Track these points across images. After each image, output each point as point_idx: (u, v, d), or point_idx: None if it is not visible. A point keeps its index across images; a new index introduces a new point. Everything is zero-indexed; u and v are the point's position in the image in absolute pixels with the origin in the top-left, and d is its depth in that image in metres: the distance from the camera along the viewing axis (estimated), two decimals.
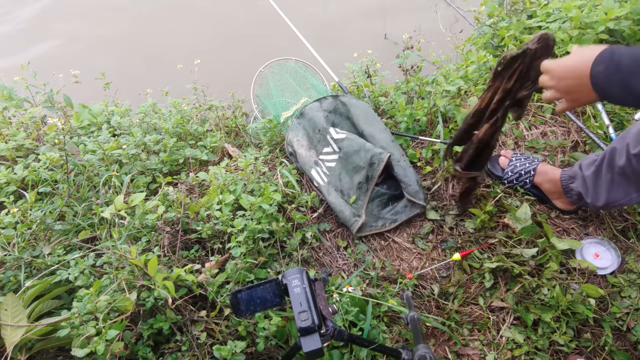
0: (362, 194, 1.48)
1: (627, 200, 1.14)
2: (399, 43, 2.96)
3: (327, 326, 0.79)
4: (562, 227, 1.41)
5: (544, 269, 1.26)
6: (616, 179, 1.12)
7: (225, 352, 1.04)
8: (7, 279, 1.16)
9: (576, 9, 1.65)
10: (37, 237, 1.28)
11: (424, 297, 1.33)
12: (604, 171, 1.15)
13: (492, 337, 1.24)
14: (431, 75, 1.82)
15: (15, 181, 1.46)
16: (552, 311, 1.20)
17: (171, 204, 1.36)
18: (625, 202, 1.14)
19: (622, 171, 1.07)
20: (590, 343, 1.19)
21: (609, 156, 1.12)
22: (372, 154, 1.46)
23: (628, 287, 1.25)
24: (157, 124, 1.83)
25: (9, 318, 0.97)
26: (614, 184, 1.13)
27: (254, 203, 1.32)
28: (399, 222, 1.47)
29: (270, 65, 2.26)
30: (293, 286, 0.81)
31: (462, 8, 2.30)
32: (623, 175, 1.09)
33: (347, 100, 1.68)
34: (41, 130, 1.75)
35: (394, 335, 1.25)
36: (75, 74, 1.91)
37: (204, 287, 1.16)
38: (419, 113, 1.68)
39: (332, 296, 1.20)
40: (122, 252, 1.07)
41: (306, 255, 1.40)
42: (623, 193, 1.13)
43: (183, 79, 2.12)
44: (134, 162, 1.58)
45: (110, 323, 0.96)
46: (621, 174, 1.09)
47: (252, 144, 1.92)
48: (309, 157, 1.59)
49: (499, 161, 1.51)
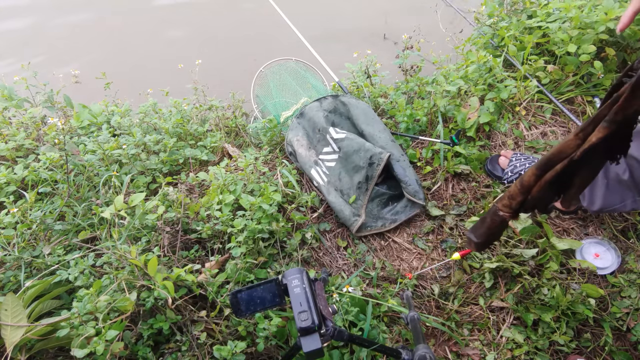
0: (361, 194, 1.48)
1: (621, 206, 1.14)
2: (399, 43, 2.96)
3: (327, 326, 0.79)
4: (562, 227, 1.41)
5: (544, 269, 1.26)
6: (611, 184, 1.12)
7: (225, 352, 1.03)
8: (7, 279, 1.16)
9: (576, 9, 1.65)
10: (37, 237, 1.28)
11: (424, 297, 1.33)
12: (599, 177, 1.15)
13: (492, 337, 1.24)
14: (431, 75, 1.82)
15: (15, 181, 1.46)
16: (552, 311, 1.20)
17: (171, 204, 1.36)
18: (620, 208, 1.15)
19: (618, 177, 1.08)
20: (590, 343, 1.19)
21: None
22: (372, 154, 1.46)
23: (628, 287, 1.25)
24: (157, 124, 1.83)
25: (9, 318, 0.97)
26: (609, 190, 1.13)
27: (254, 203, 1.32)
28: (398, 222, 1.47)
29: (270, 65, 2.26)
30: (293, 286, 0.81)
31: (462, 8, 2.30)
32: (619, 182, 1.09)
33: (347, 100, 1.68)
34: (41, 130, 1.74)
35: (394, 335, 1.25)
36: (75, 74, 1.91)
37: (204, 287, 1.16)
38: (419, 113, 1.68)
39: (332, 296, 1.20)
40: (122, 252, 1.07)
41: (306, 255, 1.40)
42: (618, 199, 1.13)
43: (183, 79, 2.12)
44: (134, 162, 1.58)
45: (110, 323, 0.96)
46: (617, 180, 1.09)
47: (252, 144, 1.92)
48: (309, 157, 1.59)
49: (499, 161, 1.51)
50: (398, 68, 1.94)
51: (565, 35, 1.64)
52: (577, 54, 1.62)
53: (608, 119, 0.61)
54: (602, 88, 1.67)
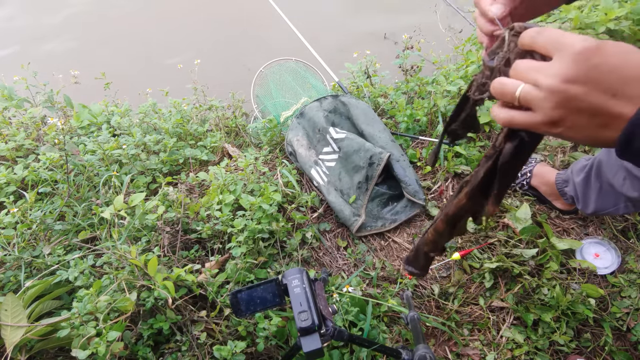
0: (361, 194, 1.48)
1: (614, 210, 1.13)
2: (399, 43, 2.96)
3: (327, 326, 0.79)
4: (562, 227, 1.41)
5: (544, 269, 1.26)
6: (605, 187, 1.11)
7: (225, 352, 1.04)
8: (7, 279, 1.16)
9: (576, 10, 1.65)
10: (37, 237, 1.28)
11: (424, 297, 1.33)
12: (592, 180, 1.14)
13: (492, 337, 1.24)
14: (431, 75, 1.82)
15: (15, 181, 1.46)
16: (552, 311, 1.20)
17: (171, 204, 1.36)
18: (613, 212, 1.14)
19: (610, 182, 1.07)
20: (590, 343, 1.19)
21: (596, 166, 1.11)
22: (372, 154, 1.46)
23: (628, 287, 1.25)
24: (157, 124, 1.83)
25: (9, 318, 0.97)
26: (602, 193, 1.13)
27: (254, 203, 1.32)
28: (398, 222, 1.47)
29: (270, 65, 2.26)
30: (293, 286, 0.81)
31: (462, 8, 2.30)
32: (611, 186, 1.08)
33: (347, 100, 1.68)
34: (41, 130, 1.74)
35: (394, 335, 1.25)
36: (75, 74, 1.91)
37: (204, 287, 1.16)
38: (419, 113, 1.68)
39: (332, 296, 1.20)
40: (122, 252, 1.07)
41: (306, 255, 1.40)
42: (611, 203, 1.13)
43: (183, 79, 2.12)
44: (134, 162, 1.58)
45: (111, 323, 0.96)
46: (610, 184, 1.08)
47: (252, 144, 1.92)
48: (309, 157, 1.59)
49: None
50: (398, 68, 1.94)
51: None
52: None
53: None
54: None
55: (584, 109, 0.38)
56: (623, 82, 0.37)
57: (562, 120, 0.40)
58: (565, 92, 0.38)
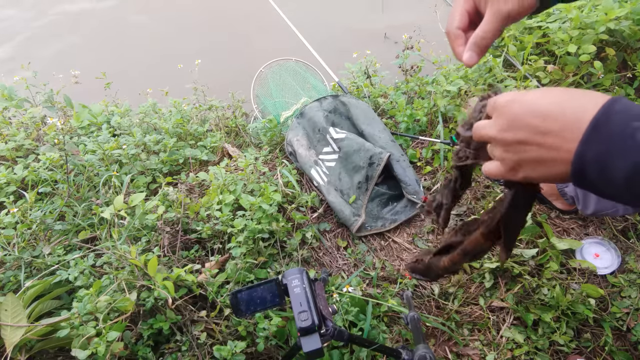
0: (361, 194, 1.48)
1: (613, 211, 1.13)
2: (399, 43, 2.95)
3: (327, 326, 0.79)
4: (562, 227, 1.41)
5: (544, 269, 1.26)
6: None
7: (225, 352, 1.04)
8: (7, 279, 1.16)
9: (576, 9, 1.65)
10: (37, 237, 1.28)
11: (424, 297, 1.33)
12: None
13: (492, 337, 1.24)
14: (431, 75, 1.82)
15: (15, 181, 1.46)
16: (552, 311, 1.20)
17: (171, 204, 1.36)
18: (612, 213, 1.14)
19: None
20: (590, 343, 1.19)
21: None
22: (372, 154, 1.46)
23: (628, 287, 1.25)
24: (157, 124, 1.83)
25: (9, 318, 0.97)
26: None
27: (254, 203, 1.32)
28: (398, 222, 1.47)
29: (270, 65, 2.26)
30: (293, 286, 0.81)
31: None
32: None
33: (347, 100, 1.68)
34: (41, 130, 1.74)
35: (394, 335, 1.25)
36: (75, 74, 1.91)
37: (204, 287, 1.16)
38: (419, 113, 1.68)
39: (332, 296, 1.20)
40: (122, 252, 1.07)
41: (306, 255, 1.40)
42: (611, 203, 1.13)
43: (183, 79, 2.11)
44: (134, 162, 1.58)
45: (111, 324, 0.96)
46: None
47: (252, 144, 1.92)
48: (309, 157, 1.59)
49: None
50: (398, 68, 1.94)
51: (565, 35, 1.64)
52: (577, 54, 1.62)
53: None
54: (602, 88, 1.67)
55: (527, 150, 0.42)
56: (542, 119, 0.40)
57: (517, 164, 0.44)
58: (503, 139, 0.43)
